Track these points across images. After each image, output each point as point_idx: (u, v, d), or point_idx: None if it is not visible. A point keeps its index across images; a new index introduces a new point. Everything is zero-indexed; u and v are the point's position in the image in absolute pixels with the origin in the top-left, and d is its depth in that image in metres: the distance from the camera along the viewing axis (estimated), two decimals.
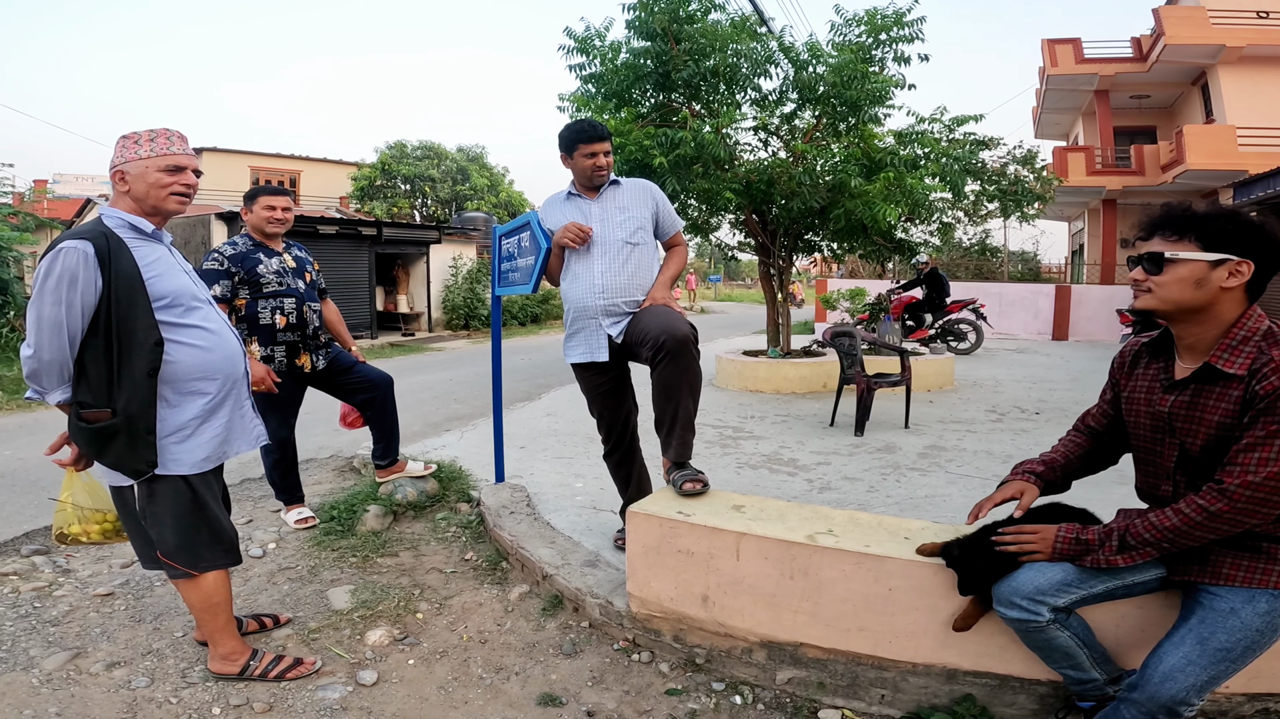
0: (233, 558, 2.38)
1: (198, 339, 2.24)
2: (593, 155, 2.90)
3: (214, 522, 2.31)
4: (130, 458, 2.15)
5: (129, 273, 2.11)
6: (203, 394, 2.25)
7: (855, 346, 6.00)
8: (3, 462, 5.37)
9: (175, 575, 2.31)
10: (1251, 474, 1.52)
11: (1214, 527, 1.58)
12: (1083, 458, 2.01)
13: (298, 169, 25.19)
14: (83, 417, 2.14)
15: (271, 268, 3.52)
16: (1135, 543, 1.68)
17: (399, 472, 4.00)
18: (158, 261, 2.21)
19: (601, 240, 2.90)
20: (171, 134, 2.24)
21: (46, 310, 2.02)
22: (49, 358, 2.06)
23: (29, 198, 18.65)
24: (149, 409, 2.14)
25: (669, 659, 2.51)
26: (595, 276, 2.88)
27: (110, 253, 2.09)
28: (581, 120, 3.01)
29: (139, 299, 2.12)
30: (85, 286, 2.04)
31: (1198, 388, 1.66)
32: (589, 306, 2.89)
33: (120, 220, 2.19)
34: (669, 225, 3.07)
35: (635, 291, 2.88)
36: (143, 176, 2.18)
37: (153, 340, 2.13)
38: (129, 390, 2.11)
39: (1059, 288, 15.43)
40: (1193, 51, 16.09)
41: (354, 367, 3.80)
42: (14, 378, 9.38)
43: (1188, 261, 1.61)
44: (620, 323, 2.88)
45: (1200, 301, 1.62)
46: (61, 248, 2.04)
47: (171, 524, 2.24)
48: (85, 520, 2.41)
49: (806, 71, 7.25)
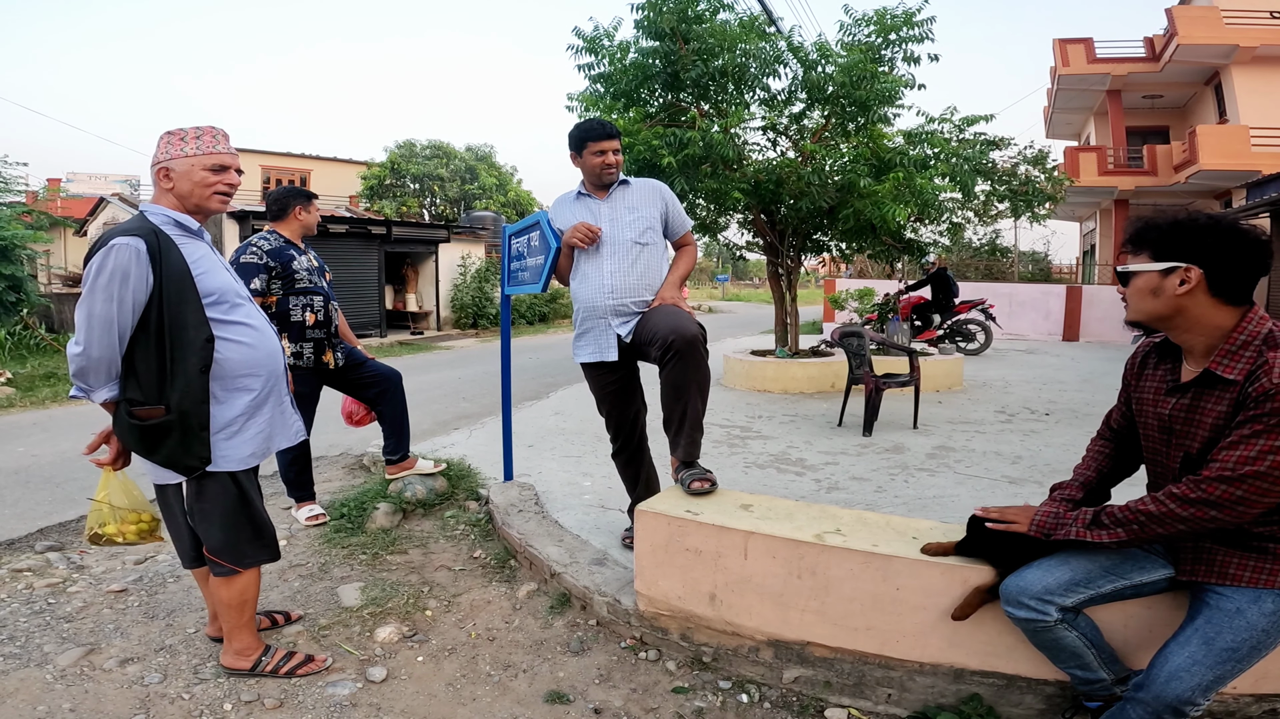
0: (274, 553, 2.41)
1: (243, 336, 2.25)
2: (602, 153, 2.90)
3: (258, 518, 2.34)
4: (183, 454, 2.16)
5: (179, 269, 2.12)
6: (249, 390, 2.26)
7: (863, 347, 5.99)
8: (17, 458, 5.43)
9: (220, 573, 2.32)
10: (1229, 470, 1.53)
11: (1185, 517, 1.59)
12: (1114, 462, 2.01)
13: (308, 168, 25.31)
14: (134, 414, 2.14)
15: (303, 264, 3.61)
16: (1109, 521, 1.70)
17: (410, 468, 4.03)
18: (203, 259, 2.22)
19: (611, 240, 2.90)
20: (217, 132, 2.24)
21: (98, 307, 2.02)
22: (98, 355, 2.05)
23: (42, 196, 18.82)
24: (202, 405, 2.16)
25: (676, 657, 2.52)
26: (605, 276, 2.88)
27: (160, 250, 2.09)
28: (591, 119, 3.01)
29: (189, 296, 2.13)
30: (137, 283, 2.05)
31: (1198, 392, 1.67)
32: (598, 306, 2.89)
33: (166, 217, 2.19)
34: (678, 225, 3.08)
35: (644, 291, 2.89)
36: (188, 175, 2.19)
37: (204, 337, 2.14)
38: (182, 387, 2.12)
39: (1070, 288, 15.34)
40: (1206, 51, 15.99)
41: (365, 363, 3.87)
42: (27, 375, 9.47)
43: (1142, 273, 1.68)
44: (629, 322, 2.88)
45: (1165, 310, 1.67)
46: (113, 244, 2.04)
47: (219, 521, 2.26)
48: (122, 521, 2.40)
49: (815, 71, 7.23)
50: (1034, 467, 4.65)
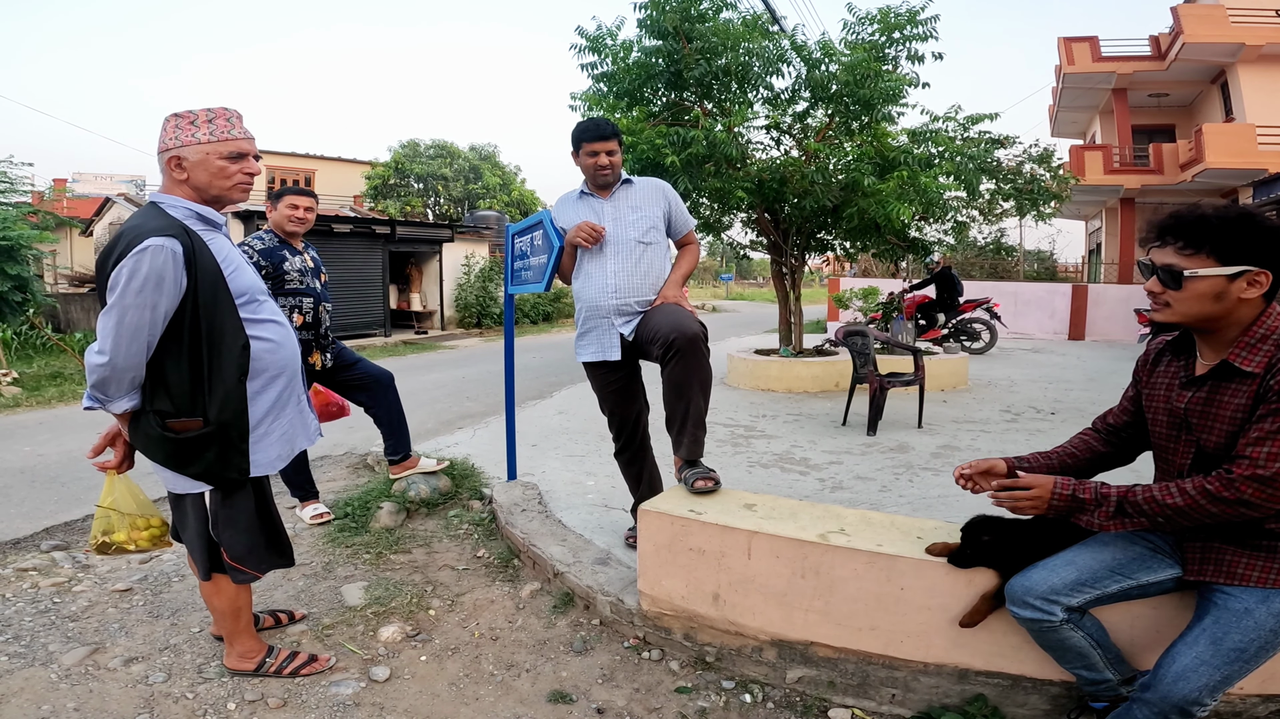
0: (289, 559, 2.35)
1: (271, 334, 2.13)
2: (594, 155, 2.89)
3: (277, 521, 2.28)
4: (221, 467, 2.05)
5: (212, 271, 1.97)
6: (274, 391, 2.16)
7: (868, 346, 5.98)
8: (23, 457, 5.45)
9: (241, 580, 2.26)
10: (1261, 468, 1.52)
11: (1213, 512, 1.58)
12: (1094, 454, 1.98)
13: (313, 168, 25.35)
14: (170, 426, 2.01)
15: (295, 266, 3.57)
16: (1132, 511, 1.68)
17: (412, 467, 4.03)
18: (230, 255, 2.07)
19: (614, 239, 2.89)
20: (230, 114, 2.05)
21: (130, 314, 1.87)
22: (124, 364, 1.91)
23: (48, 197, 18.89)
24: (242, 417, 2.04)
25: (679, 657, 2.52)
26: (608, 276, 2.87)
27: (194, 250, 1.94)
28: (590, 119, 3.01)
29: (224, 299, 1.99)
30: (171, 288, 1.90)
31: (1214, 384, 1.65)
32: (601, 306, 2.89)
33: (188, 210, 2.02)
34: (681, 224, 3.07)
35: (647, 291, 2.88)
36: (204, 164, 2.00)
37: (240, 343, 2.01)
38: (221, 397, 1.99)
39: (1075, 287, 15.29)
40: (1212, 50, 15.91)
41: (356, 363, 3.84)
42: (33, 375, 9.51)
43: (1207, 277, 1.59)
44: (632, 321, 2.88)
45: (1220, 313, 1.62)
46: (147, 246, 1.87)
47: (245, 528, 2.17)
48: (132, 527, 2.32)
49: (819, 70, 7.22)
50: None
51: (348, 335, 13.79)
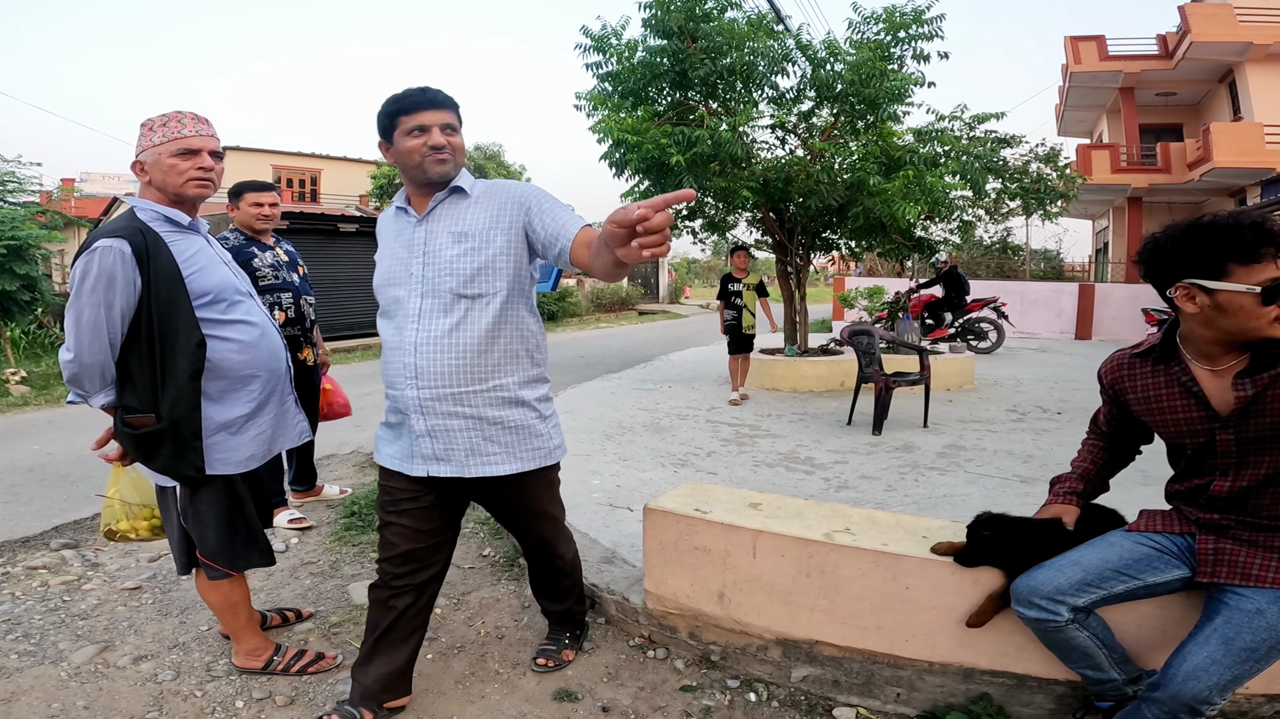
0: (268, 558, 2.35)
1: (243, 334, 2.16)
2: (424, 130, 1.88)
3: (251, 520, 2.28)
4: (178, 463, 2.10)
5: (168, 271, 2.03)
6: (249, 391, 2.18)
7: (873, 345, 5.97)
8: (31, 456, 5.48)
9: (215, 576, 2.27)
10: None
11: None
12: (1110, 455, 2.04)
13: (318, 167, 25.43)
14: (128, 422, 2.08)
15: (266, 261, 3.51)
16: None
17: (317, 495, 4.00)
18: (197, 255, 2.12)
19: (422, 290, 1.91)
20: (184, 115, 2.10)
21: (85, 312, 1.95)
22: (89, 361, 1.99)
23: (57, 196, 18.97)
24: (194, 414, 2.08)
25: (684, 656, 2.52)
26: (406, 350, 1.92)
27: (148, 250, 2.00)
28: (406, 89, 1.94)
29: (179, 298, 2.04)
30: (124, 287, 1.96)
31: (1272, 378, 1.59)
32: (402, 397, 1.95)
33: (154, 213, 2.09)
34: (555, 230, 1.85)
35: (471, 382, 1.90)
36: (158, 164, 2.07)
37: (194, 341, 2.05)
38: (173, 394, 2.04)
39: (1082, 286, 15.23)
40: (1219, 49, 15.86)
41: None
42: (42, 374, 9.57)
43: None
44: (449, 444, 1.94)
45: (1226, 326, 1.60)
46: (96, 247, 1.95)
47: (214, 524, 2.19)
48: (134, 517, 2.37)
49: (824, 69, 7.22)
50: (1046, 466, 4.62)
51: (353, 334, 13.81)
